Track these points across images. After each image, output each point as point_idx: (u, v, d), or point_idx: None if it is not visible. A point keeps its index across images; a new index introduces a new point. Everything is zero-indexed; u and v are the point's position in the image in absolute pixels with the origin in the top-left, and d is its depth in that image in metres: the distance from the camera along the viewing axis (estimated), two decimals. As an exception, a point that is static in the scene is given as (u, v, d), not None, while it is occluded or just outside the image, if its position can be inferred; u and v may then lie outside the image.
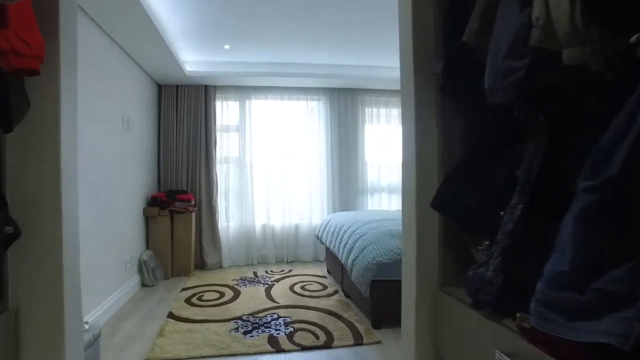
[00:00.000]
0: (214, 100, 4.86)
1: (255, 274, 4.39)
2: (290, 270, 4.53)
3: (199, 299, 3.48)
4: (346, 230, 3.39)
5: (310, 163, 5.14)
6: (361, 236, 3.01)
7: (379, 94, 5.29)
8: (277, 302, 3.37)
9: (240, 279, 4.18)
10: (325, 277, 4.24)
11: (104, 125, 3.05)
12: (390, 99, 5.33)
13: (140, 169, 4.00)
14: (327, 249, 4.34)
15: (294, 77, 4.63)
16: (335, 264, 3.93)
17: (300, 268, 4.70)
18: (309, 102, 5.14)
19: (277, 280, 4.09)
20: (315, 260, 5.11)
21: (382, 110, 5.35)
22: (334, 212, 5.13)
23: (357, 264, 2.80)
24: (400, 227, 3.02)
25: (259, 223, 5.03)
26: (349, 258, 3.01)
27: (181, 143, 4.74)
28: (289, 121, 5.07)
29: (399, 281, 2.84)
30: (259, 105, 5.03)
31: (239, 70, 4.49)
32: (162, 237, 4.18)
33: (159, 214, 4.14)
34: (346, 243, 3.20)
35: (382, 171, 5.34)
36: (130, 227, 3.67)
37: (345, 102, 5.18)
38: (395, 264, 2.75)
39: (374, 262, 2.70)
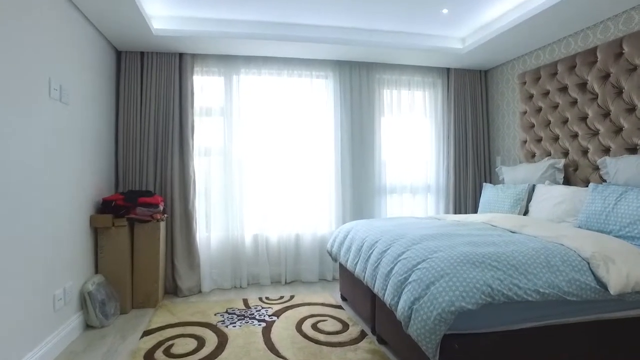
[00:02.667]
0: (192, 73, 3.73)
1: (246, 303, 3.28)
2: (291, 297, 3.44)
3: (167, 352, 2.36)
4: (385, 251, 2.33)
5: (315, 158, 4.06)
6: (419, 263, 1.96)
7: (400, 71, 4.25)
8: (283, 357, 2.28)
9: (227, 312, 3.07)
10: (340, 306, 3.18)
11: (7, 85, 1.91)
12: (413, 78, 4.30)
13: (84, 162, 2.85)
14: (342, 268, 3.30)
15: (297, 44, 3.54)
16: (357, 291, 2.87)
17: (304, 292, 3.62)
18: (314, 79, 4.06)
19: (277, 314, 3.00)
20: (322, 280, 4.04)
21: (404, 92, 4.31)
22: (343, 218, 4.08)
23: (420, 311, 1.74)
24: (485, 249, 1.94)
25: (249, 233, 3.93)
26: (399, 297, 1.95)
27: (147, 129, 3.60)
28: (288, 104, 3.98)
29: (489, 335, 1.82)
30: (250, 82, 3.93)
31: (224, 30, 3.37)
32: (118, 255, 3.04)
33: (114, 224, 3.00)
34: (389, 271, 2.14)
35: (403, 168, 4.30)
36: (67, 244, 2.52)
37: (359, 80, 4.12)
38: (482, 310, 1.72)
39: (452, 309, 1.65)
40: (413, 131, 4.32)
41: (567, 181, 3.25)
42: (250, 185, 3.93)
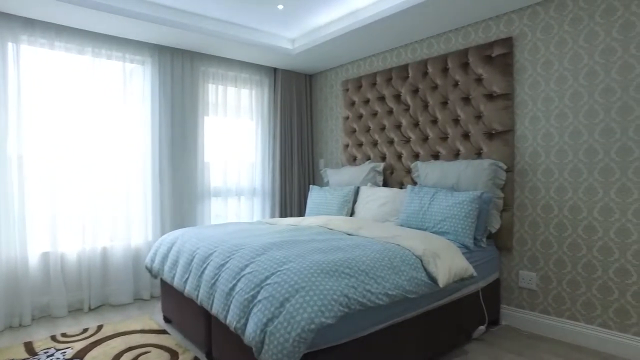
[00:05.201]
0: (-63, 32, 2.63)
1: (29, 348, 2.47)
2: (99, 328, 2.77)
3: None
4: (224, 265, 2.04)
5: (126, 156, 3.41)
6: (268, 277, 1.75)
7: (227, 65, 3.97)
8: (93, 416, 1.75)
9: (0, 364, 2.24)
10: (164, 330, 2.71)
11: None
12: (240, 75, 4.09)
13: None
14: (165, 284, 2.85)
15: (106, 15, 2.88)
16: (187, 311, 2.49)
17: (117, 318, 2.98)
18: (127, 63, 3.40)
19: (80, 355, 2.35)
20: (138, 300, 3.43)
21: (231, 89, 4.05)
22: (162, 226, 3.57)
23: (276, 334, 1.53)
24: (335, 255, 1.84)
25: (35, 252, 3.03)
26: (247, 319, 1.70)
27: None
28: (92, 89, 3.22)
29: (345, 346, 1.78)
30: (36, 56, 3.01)
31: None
32: None
33: None
34: (232, 289, 1.86)
35: (228, 170, 4.04)
36: None
37: (181, 70, 3.66)
38: (342, 321, 1.63)
39: (312, 326, 1.51)
40: (239, 131, 4.11)
41: (385, 183, 3.57)
42: (37, 189, 3.03)
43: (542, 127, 2.61)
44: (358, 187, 3.50)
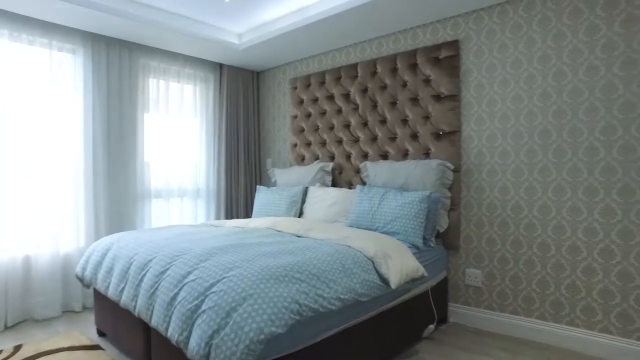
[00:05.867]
0: None
1: None
2: (17, 348, 2.47)
3: None
4: (164, 272, 1.88)
5: (54, 154, 3.09)
6: (213, 285, 1.62)
7: (170, 59, 3.74)
8: None
9: None
10: (98, 346, 2.47)
11: None
12: (183, 70, 3.87)
13: None
14: (99, 294, 2.60)
15: (28, -2, 2.59)
16: (123, 323, 2.29)
17: (40, 335, 2.68)
18: (54, 51, 3.07)
19: (-5, 378, 2.07)
20: (68, 312, 3.13)
21: (173, 84, 3.82)
22: (97, 230, 3.29)
23: (222, 347, 1.41)
24: (285, 259, 1.76)
25: (-60, 263, 2.65)
26: (189, 332, 1.56)
27: None
28: (11, 78, 2.88)
29: (295, 355, 1.72)
30: (-60, 40, 2.65)
31: None
32: None
33: None
34: (173, 299, 1.72)
35: (170, 170, 3.81)
36: None
37: (118, 62, 3.39)
38: (293, 329, 1.54)
39: (261, 337, 1.41)
40: (182, 129, 3.89)
41: (334, 183, 3.53)
42: (-58, 192, 2.65)
43: (487, 129, 2.70)
44: (306, 188, 3.43)
